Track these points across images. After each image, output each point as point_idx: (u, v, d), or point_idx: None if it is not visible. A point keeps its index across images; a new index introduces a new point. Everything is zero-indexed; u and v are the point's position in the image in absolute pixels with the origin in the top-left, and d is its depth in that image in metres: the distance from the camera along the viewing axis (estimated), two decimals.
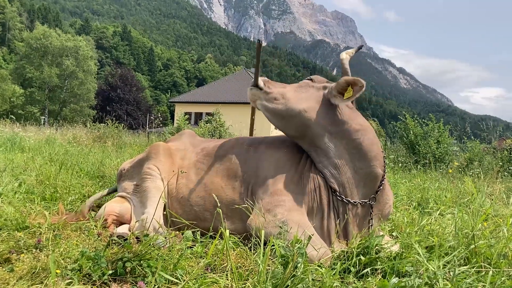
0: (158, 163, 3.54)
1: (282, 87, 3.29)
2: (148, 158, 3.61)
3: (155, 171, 3.48)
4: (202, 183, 3.38)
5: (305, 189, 2.98)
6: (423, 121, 12.12)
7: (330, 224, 2.94)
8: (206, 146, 3.71)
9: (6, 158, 6.63)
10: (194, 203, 3.32)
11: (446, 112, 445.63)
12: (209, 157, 3.55)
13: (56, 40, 61.74)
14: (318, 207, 2.97)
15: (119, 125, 15.61)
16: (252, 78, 3.35)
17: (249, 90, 3.33)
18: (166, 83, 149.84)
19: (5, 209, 3.31)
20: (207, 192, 3.31)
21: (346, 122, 3.00)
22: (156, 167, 3.51)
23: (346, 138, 2.97)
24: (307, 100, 3.10)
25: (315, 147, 3.06)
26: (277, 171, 3.09)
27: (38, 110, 59.97)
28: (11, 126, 15.07)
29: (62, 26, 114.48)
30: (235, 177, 3.28)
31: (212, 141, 3.84)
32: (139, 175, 3.57)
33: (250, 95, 3.34)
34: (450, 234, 3.20)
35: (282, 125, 3.21)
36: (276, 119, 3.22)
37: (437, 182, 6.74)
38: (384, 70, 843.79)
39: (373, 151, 2.96)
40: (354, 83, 2.92)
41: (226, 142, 3.63)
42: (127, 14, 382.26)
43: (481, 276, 2.40)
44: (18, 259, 2.43)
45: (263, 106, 3.24)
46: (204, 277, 2.27)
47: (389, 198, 3.15)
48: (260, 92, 3.27)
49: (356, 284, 2.34)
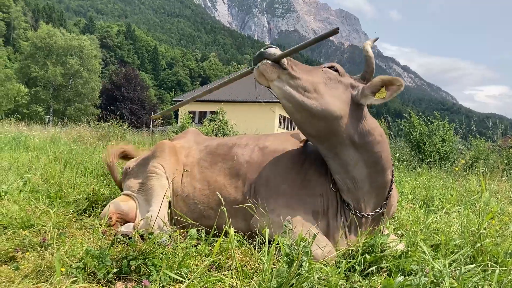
0: (164, 161, 3.54)
1: (308, 72, 2.72)
2: (154, 157, 3.61)
3: (160, 169, 3.48)
4: (206, 181, 3.37)
5: (310, 191, 2.92)
6: (428, 119, 12.08)
7: (335, 232, 2.87)
8: (209, 144, 3.71)
9: (11, 157, 6.66)
10: (198, 201, 3.32)
11: (451, 110, 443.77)
12: (212, 155, 3.54)
13: (61, 39, 61.94)
14: (323, 214, 2.90)
15: (123, 123, 15.63)
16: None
17: (263, 64, 2.62)
18: (170, 82, 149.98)
19: (11, 207, 3.32)
20: (211, 190, 3.30)
21: (371, 133, 2.73)
22: (161, 165, 3.51)
23: (369, 151, 2.74)
24: (340, 102, 2.68)
25: (334, 155, 2.77)
26: (281, 171, 3.04)
27: (43, 109, 60.23)
28: (16, 125, 15.14)
29: (67, 25, 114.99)
30: (238, 176, 3.27)
31: (216, 139, 3.84)
32: (144, 173, 3.57)
33: (264, 70, 2.62)
34: (456, 233, 3.18)
35: (305, 122, 2.72)
36: (300, 114, 2.68)
37: (442, 181, 6.71)
38: (388, 68, 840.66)
39: (388, 162, 2.82)
40: (390, 83, 2.63)
41: (229, 140, 3.63)
42: (131, 13, 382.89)
43: (487, 275, 2.38)
44: (23, 257, 2.44)
45: (284, 92, 2.63)
46: (209, 276, 2.27)
47: (395, 199, 3.11)
48: (282, 72, 2.62)
49: (361, 282, 2.33)
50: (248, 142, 3.48)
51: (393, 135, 13.96)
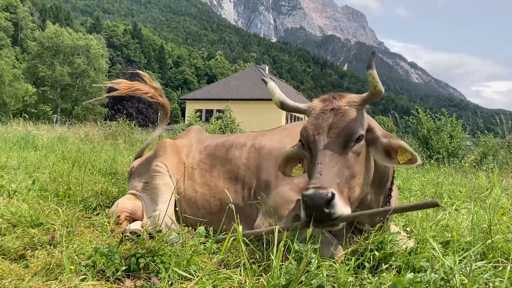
0: (166, 160, 3.56)
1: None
2: (156, 156, 3.63)
3: (163, 168, 3.50)
4: (207, 185, 3.38)
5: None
6: (436, 115, 11.99)
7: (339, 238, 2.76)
8: (209, 145, 3.70)
9: (20, 156, 6.70)
10: (200, 206, 3.33)
11: (459, 106, 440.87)
12: (211, 157, 3.55)
13: (68, 39, 62.26)
14: None
15: (130, 122, 15.67)
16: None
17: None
18: (176, 80, 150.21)
19: (20, 206, 3.34)
20: (211, 195, 3.32)
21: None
22: (163, 164, 3.53)
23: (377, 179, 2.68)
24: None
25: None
26: (280, 174, 2.88)
27: (51, 108, 60.60)
28: (24, 125, 15.23)
29: (73, 25, 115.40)
30: (237, 179, 3.27)
31: (216, 138, 3.84)
32: (148, 173, 3.59)
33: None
34: (466, 229, 3.15)
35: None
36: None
37: (450, 177, 6.67)
38: (396, 65, 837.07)
39: (390, 175, 2.77)
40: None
41: (226, 141, 3.61)
42: (137, 12, 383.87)
43: (498, 272, 2.35)
44: (32, 255, 2.45)
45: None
46: (217, 273, 2.26)
47: (395, 199, 3.01)
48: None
49: (370, 279, 2.31)
50: (245, 142, 3.46)
51: (400, 132, 13.86)
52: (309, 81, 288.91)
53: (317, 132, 2.45)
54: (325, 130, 2.43)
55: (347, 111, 2.46)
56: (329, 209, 2.17)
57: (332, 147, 2.38)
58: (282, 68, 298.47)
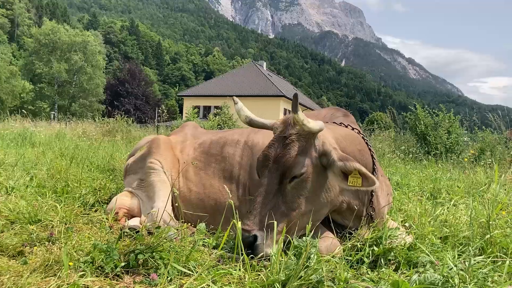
0: (160, 156, 3.55)
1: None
2: (150, 153, 3.62)
3: (157, 165, 3.50)
4: (201, 184, 3.38)
5: None
6: (434, 111, 12.01)
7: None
8: (203, 142, 3.70)
9: (18, 153, 6.68)
10: (195, 205, 3.33)
11: (456, 102, 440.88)
12: (205, 155, 3.55)
13: (65, 36, 61.92)
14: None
15: (128, 119, 15.66)
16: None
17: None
18: (174, 76, 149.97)
19: (18, 203, 3.33)
20: (206, 194, 3.31)
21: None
22: (158, 161, 3.52)
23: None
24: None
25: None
26: None
27: (48, 105, 60.37)
28: (22, 122, 15.19)
29: (70, 22, 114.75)
30: (231, 178, 3.27)
31: (211, 134, 3.83)
32: (142, 170, 3.59)
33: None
34: (464, 224, 3.16)
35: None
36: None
37: (448, 173, 6.68)
38: (393, 61, 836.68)
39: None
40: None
41: (220, 138, 3.61)
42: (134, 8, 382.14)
43: (497, 266, 2.36)
44: (31, 252, 2.45)
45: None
46: (217, 269, 2.26)
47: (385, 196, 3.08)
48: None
49: (369, 274, 2.31)
50: (239, 139, 3.47)
51: (398, 127, 13.85)
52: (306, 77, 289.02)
53: (265, 164, 2.57)
54: (270, 162, 2.54)
55: (293, 143, 2.53)
56: (252, 249, 2.36)
57: (271, 183, 2.50)
58: (280, 64, 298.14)
